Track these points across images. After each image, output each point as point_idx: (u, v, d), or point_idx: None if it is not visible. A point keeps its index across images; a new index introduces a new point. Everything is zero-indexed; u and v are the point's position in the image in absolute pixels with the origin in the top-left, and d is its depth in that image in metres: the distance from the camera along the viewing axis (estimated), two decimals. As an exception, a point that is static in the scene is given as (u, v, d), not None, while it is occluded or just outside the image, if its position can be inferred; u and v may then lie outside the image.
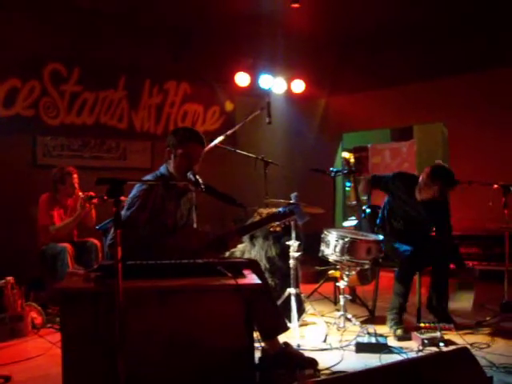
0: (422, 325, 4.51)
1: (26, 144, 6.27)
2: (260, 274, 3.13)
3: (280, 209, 3.66)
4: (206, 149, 4.84)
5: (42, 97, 6.29)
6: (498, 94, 7.22)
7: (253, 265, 3.24)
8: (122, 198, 3.64)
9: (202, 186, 3.07)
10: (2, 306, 4.76)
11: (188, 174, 3.19)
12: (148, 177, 3.44)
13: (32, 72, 6.19)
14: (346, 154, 9.42)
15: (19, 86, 6.11)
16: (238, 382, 2.71)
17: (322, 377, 3.39)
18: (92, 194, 5.19)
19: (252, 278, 2.81)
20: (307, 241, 5.06)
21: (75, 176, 5.31)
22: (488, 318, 4.75)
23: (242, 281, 2.68)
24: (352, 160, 7.30)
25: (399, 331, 4.37)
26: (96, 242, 5.23)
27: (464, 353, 2.53)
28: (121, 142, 6.92)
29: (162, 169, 3.47)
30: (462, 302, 4.88)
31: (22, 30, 5.81)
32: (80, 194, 5.24)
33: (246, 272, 2.91)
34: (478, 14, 6.60)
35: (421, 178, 4.73)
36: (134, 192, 3.29)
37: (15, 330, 4.64)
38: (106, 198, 2.49)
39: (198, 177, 3.14)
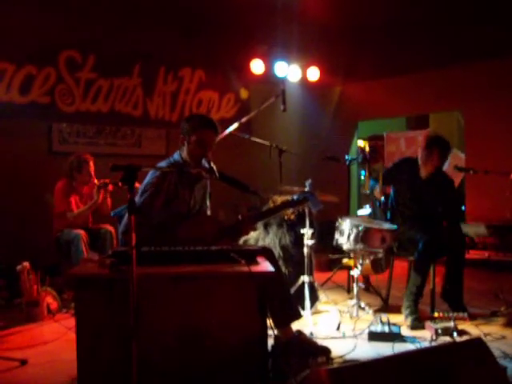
0: (436, 314, 4.49)
1: (42, 131, 6.32)
2: (273, 262, 3.12)
3: (294, 196, 3.65)
4: (221, 136, 4.86)
5: (58, 84, 6.33)
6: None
7: (266, 252, 3.24)
8: (136, 184, 3.67)
9: (217, 173, 3.07)
10: (18, 291, 4.83)
11: (203, 161, 3.18)
12: (162, 164, 3.45)
13: (47, 59, 6.23)
14: (361, 143, 9.38)
15: (35, 73, 6.15)
16: (251, 370, 2.71)
17: (335, 365, 3.39)
18: (107, 181, 5.21)
19: (265, 266, 2.80)
20: (321, 229, 5.05)
21: (92, 164, 5.32)
22: (502, 309, 4.71)
23: (255, 268, 2.68)
24: (367, 148, 7.26)
25: (417, 322, 4.36)
26: (110, 228, 5.26)
27: (478, 343, 2.51)
28: (136, 129, 6.95)
29: (176, 155, 3.47)
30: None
31: (37, 17, 5.83)
32: (95, 181, 5.27)
33: (259, 259, 2.91)
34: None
35: (419, 153, 4.81)
36: (147, 179, 3.30)
37: (31, 315, 4.70)
38: (120, 184, 2.49)
39: (212, 164, 3.14)
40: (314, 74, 7.64)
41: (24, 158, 5.90)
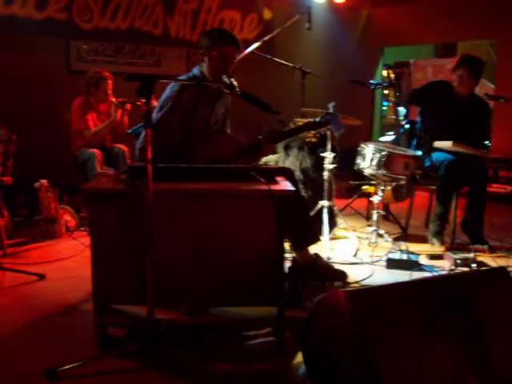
0: (456, 245, 4.46)
1: (60, 49, 6.16)
2: (293, 182, 3.04)
3: (316, 118, 3.54)
4: (243, 55, 4.71)
5: (75, -1, 6.12)
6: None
7: (286, 172, 3.15)
8: (154, 102, 3.56)
9: (238, 89, 2.94)
10: (38, 208, 4.85)
11: (223, 76, 3.05)
12: (181, 77, 3.33)
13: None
14: (385, 72, 9.14)
15: (51, -14, 5.94)
16: (266, 291, 2.68)
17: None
18: (126, 99, 5.10)
19: (285, 185, 2.72)
20: (343, 156, 4.94)
21: (110, 82, 5.20)
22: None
23: (274, 187, 2.60)
24: (392, 75, 7.05)
25: (435, 240, 4.39)
26: (124, 147, 5.18)
27: (501, 272, 2.44)
28: (155, 49, 6.75)
29: (196, 71, 3.33)
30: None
31: None
32: (113, 99, 5.16)
33: (278, 179, 2.83)
34: None
35: (452, 75, 4.73)
36: (166, 93, 3.18)
37: (49, 232, 4.76)
38: (139, 103, 2.40)
39: (233, 80, 3.00)
40: (341, -5, 7.32)
41: (42, 76, 5.78)
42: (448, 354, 2.03)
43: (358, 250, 4.28)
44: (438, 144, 4.53)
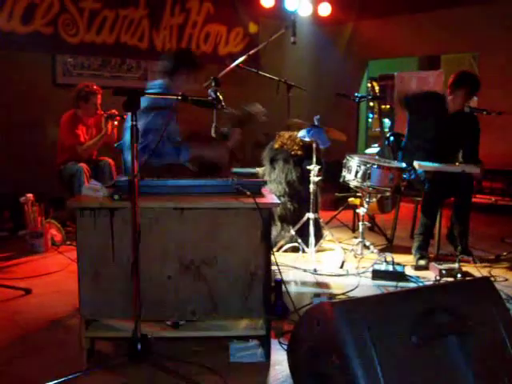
0: (441, 256, 4.49)
1: (46, 62, 6.17)
2: None
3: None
4: (228, 69, 4.75)
5: (61, 13, 6.12)
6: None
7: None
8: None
9: (223, 104, 2.97)
10: (23, 222, 4.83)
11: (209, 90, 3.08)
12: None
13: (50, -14, 6.01)
14: (369, 84, 9.21)
15: (37, 1, 5.94)
16: (254, 303, 2.69)
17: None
18: (115, 111, 5.11)
19: (271, 198, 2.74)
20: (328, 168, 4.98)
21: (99, 96, 5.21)
22: (505, 253, 4.70)
23: (260, 200, 2.63)
24: (377, 88, 7.12)
25: (422, 262, 4.35)
26: (110, 160, 5.19)
27: (485, 282, 2.47)
28: (142, 62, 6.80)
29: None
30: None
31: None
32: (102, 112, 5.17)
33: (264, 191, 2.85)
34: None
35: (448, 89, 4.69)
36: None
37: (35, 246, 4.73)
38: (126, 116, 2.42)
39: (218, 94, 3.02)
40: (325, 9, 7.35)
41: (28, 89, 5.79)
42: (435, 363, 2.05)
43: (344, 262, 4.31)
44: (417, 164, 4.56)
